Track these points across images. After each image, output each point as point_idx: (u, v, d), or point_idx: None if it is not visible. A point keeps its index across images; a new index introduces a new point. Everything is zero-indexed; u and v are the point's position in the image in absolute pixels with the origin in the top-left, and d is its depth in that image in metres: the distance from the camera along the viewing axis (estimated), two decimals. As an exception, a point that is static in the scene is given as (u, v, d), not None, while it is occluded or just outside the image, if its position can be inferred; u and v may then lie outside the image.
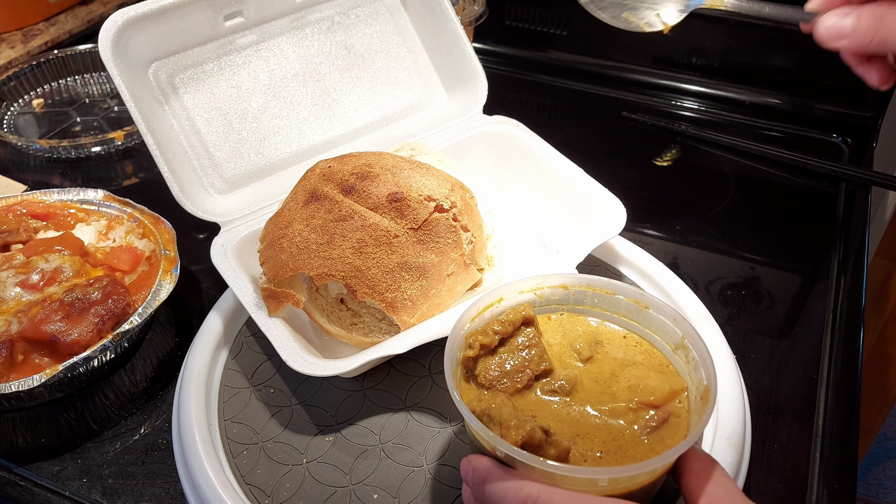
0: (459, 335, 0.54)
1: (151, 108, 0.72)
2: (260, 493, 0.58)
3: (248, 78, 0.78)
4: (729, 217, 0.89)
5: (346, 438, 0.61)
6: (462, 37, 0.83)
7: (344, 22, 0.82)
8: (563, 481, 0.46)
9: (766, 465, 0.61)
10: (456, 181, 0.68)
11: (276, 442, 0.61)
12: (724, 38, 1.06)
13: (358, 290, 0.61)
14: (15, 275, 0.68)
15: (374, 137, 0.83)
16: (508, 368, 0.54)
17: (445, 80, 0.87)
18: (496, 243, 0.72)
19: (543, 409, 0.53)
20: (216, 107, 0.76)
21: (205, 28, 0.75)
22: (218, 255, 0.69)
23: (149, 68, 0.73)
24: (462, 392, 0.53)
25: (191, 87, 0.75)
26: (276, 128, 0.79)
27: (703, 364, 0.50)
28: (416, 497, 0.57)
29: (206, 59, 0.76)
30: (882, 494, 1.35)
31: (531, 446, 0.47)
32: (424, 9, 0.84)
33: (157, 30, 0.72)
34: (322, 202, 0.64)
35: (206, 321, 0.69)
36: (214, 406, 0.64)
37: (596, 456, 0.49)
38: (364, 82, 0.83)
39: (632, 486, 0.47)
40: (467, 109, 0.85)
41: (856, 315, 0.74)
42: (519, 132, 0.82)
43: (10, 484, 0.61)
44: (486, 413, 0.49)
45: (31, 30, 1.22)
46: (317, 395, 0.65)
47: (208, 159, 0.75)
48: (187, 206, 0.71)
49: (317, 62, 0.81)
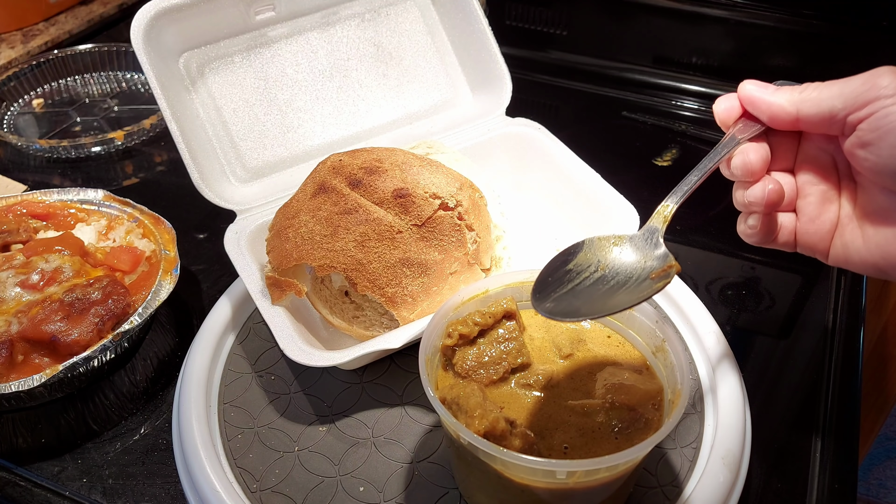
0: (441, 323, 0.55)
1: (179, 95, 0.73)
2: (249, 476, 0.58)
3: (276, 71, 0.79)
4: (729, 217, 0.89)
5: (339, 430, 0.62)
6: (490, 38, 0.83)
7: (374, 19, 0.83)
8: (521, 471, 0.47)
9: (766, 465, 0.61)
10: (465, 180, 0.68)
11: (271, 428, 0.62)
12: (724, 38, 1.06)
13: (359, 283, 0.61)
14: (15, 275, 0.67)
15: (397, 135, 0.84)
16: (486, 360, 0.55)
17: (471, 80, 0.87)
18: (506, 245, 0.72)
19: (515, 401, 0.53)
20: (243, 98, 0.77)
21: (236, 21, 0.76)
22: (231, 242, 0.70)
23: (179, 57, 0.74)
24: (439, 379, 0.55)
25: (219, 77, 0.76)
26: (301, 121, 0.80)
27: (678, 368, 0.51)
28: (400, 492, 0.57)
29: (236, 50, 0.77)
30: (882, 494, 1.35)
31: (494, 436, 0.48)
32: (454, 9, 0.84)
33: (189, 21, 0.73)
34: (329, 194, 0.64)
35: (213, 311, 0.70)
36: (215, 405, 0.64)
37: (562, 450, 0.50)
38: (390, 80, 0.84)
39: (591, 481, 0.48)
40: (491, 110, 0.85)
41: (856, 315, 0.74)
42: (540, 135, 0.82)
43: (10, 484, 0.61)
44: (455, 401, 0.50)
45: (31, 30, 1.22)
46: (316, 385, 0.65)
47: (232, 148, 0.77)
48: (205, 192, 0.72)
49: (344, 58, 0.82)
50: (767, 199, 0.51)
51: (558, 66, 1.15)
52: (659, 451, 0.59)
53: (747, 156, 0.52)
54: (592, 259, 0.52)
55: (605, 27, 1.13)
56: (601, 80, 1.13)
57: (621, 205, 0.71)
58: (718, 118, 0.54)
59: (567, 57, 1.16)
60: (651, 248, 0.51)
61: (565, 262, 0.52)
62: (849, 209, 0.52)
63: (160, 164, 0.98)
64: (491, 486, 0.51)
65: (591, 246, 0.52)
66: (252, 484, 0.58)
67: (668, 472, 0.58)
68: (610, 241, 0.52)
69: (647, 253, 0.51)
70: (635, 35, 1.11)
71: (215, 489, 0.56)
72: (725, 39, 1.06)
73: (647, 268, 0.51)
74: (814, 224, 0.53)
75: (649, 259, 0.51)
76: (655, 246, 0.51)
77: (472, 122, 0.85)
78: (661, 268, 0.50)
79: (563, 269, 0.52)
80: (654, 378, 0.54)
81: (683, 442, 0.60)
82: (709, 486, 0.56)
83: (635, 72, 1.13)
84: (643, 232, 0.52)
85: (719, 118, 0.54)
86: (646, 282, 0.50)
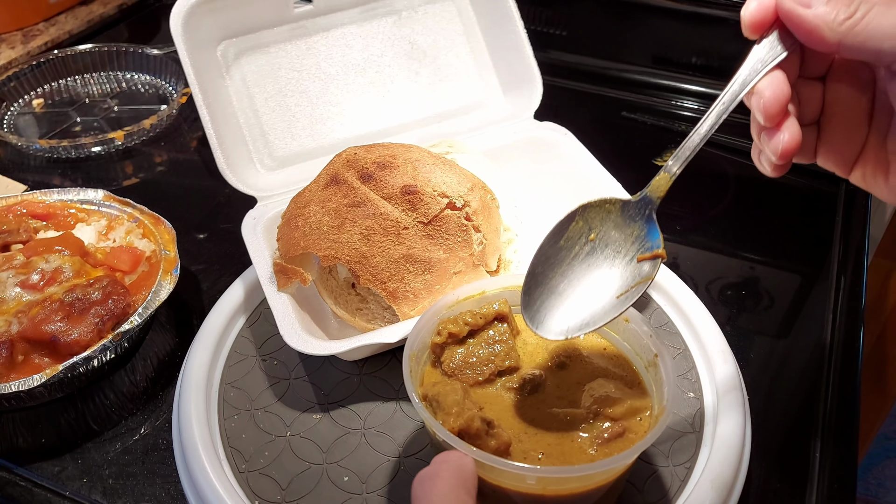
0: (432, 320, 0.56)
1: (214, 82, 0.75)
2: (239, 457, 0.59)
3: (310, 63, 0.80)
4: (729, 217, 0.89)
5: (332, 419, 0.62)
6: (524, 40, 0.83)
7: (412, 17, 0.84)
8: (492, 472, 0.47)
9: (766, 465, 0.61)
10: (478, 181, 0.68)
11: (267, 411, 0.63)
12: (724, 38, 1.06)
13: (361, 275, 0.62)
14: (15, 275, 0.68)
15: (424, 133, 0.84)
16: (473, 360, 0.55)
17: (503, 81, 0.87)
18: (516, 248, 0.72)
19: (498, 403, 0.53)
20: (276, 87, 0.79)
21: (275, 12, 0.78)
22: (248, 227, 0.72)
23: (218, 46, 0.76)
24: (426, 376, 0.55)
25: (255, 66, 0.78)
26: (331, 113, 0.81)
27: (667, 384, 0.50)
28: (384, 485, 0.57)
29: (273, 41, 0.79)
30: (882, 494, 1.35)
31: (468, 435, 0.48)
32: (491, 10, 0.85)
33: (229, 11, 0.75)
34: (340, 186, 0.65)
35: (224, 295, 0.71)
36: (215, 405, 0.64)
37: (537, 456, 0.50)
38: (422, 77, 0.85)
39: (561, 489, 0.48)
40: (520, 113, 0.85)
41: (856, 315, 0.74)
42: (566, 140, 0.81)
43: (10, 484, 0.61)
44: (435, 398, 0.50)
45: (31, 30, 1.22)
46: (316, 373, 0.66)
47: (261, 137, 0.78)
48: (229, 177, 0.74)
49: (378, 54, 0.83)
50: (783, 150, 0.45)
51: (558, 66, 1.15)
52: (649, 468, 0.58)
53: (763, 95, 0.45)
54: (584, 228, 0.51)
55: (605, 27, 1.13)
56: (601, 80, 1.13)
57: None
58: (746, 25, 0.46)
59: (567, 57, 1.16)
60: (643, 222, 0.50)
61: (557, 238, 0.51)
62: (876, 142, 0.47)
63: (160, 164, 0.98)
64: None
65: (584, 213, 0.51)
66: (241, 464, 0.59)
67: (657, 489, 0.57)
68: (603, 206, 0.51)
69: (639, 227, 0.50)
70: (635, 35, 1.11)
71: (215, 489, 0.56)
72: (726, 40, 1.06)
73: (635, 245, 0.50)
74: (835, 149, 0.48)
75: (639, 235, 0.50)
76: (647, 220, 0.50)
77: (500, 124, 0.85)
78: (650, 252, 0.49)
79: (554, 247, 0.51)
80: (644, 393, 0.53)
81: (677, 461, 0.58)
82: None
83: (635, 72, 1.13)
84: (638, 201, 0.50)
85: (748, 25, 0.46)
86: (632, 264, 0.49)
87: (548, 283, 0.51)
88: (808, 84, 0.48)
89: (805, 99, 0.48)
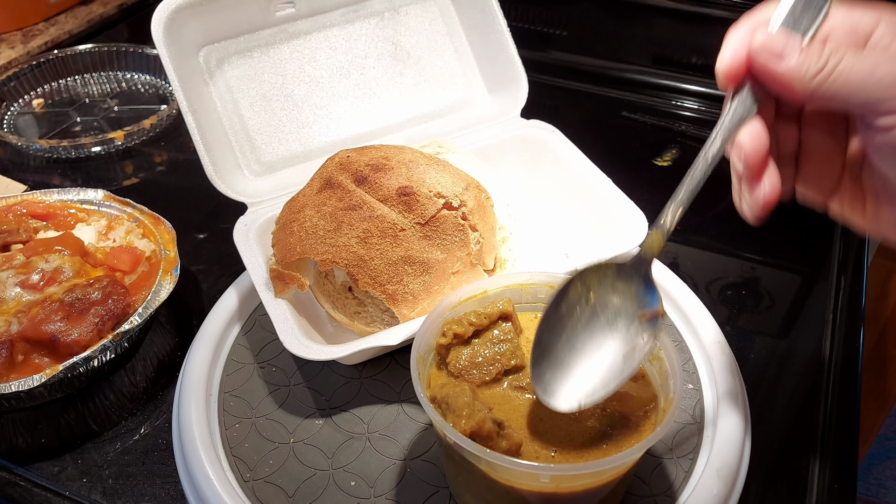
0: (436, 322, 0.55)
1: (197, 88, 0.74)
2: (244, 465, 0.59)
3: (294, 67, 0.80)
4: (729, 217, 0.89)
5: (335, 423, 0.62)
6: (508, 39, 0.83)
7: (394, 18, 0.84)
8: (505, 473, 0.47)
9: (766, 465, 0.61)
10: (472, 181, 0.68)
11: (269, 419, 0.63)
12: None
13: (360, 279, 0.62)
14: (15, 275, 0.67)
15: (411, 133, 0.84)
16: (479, 360, 0.55)
17: (488, 81, 0.87)
18: (511, 247, 0.72)
19: (506, 403, 0.53)
20: (261, 92, 0.78)
21: (256, 16, 0.77)
22: (240, 234, 0.71)
23: (200, 51, 0.76)
24: (432, 378, 0.55)
25: (238, 71, 0.77)
26: (317, 117, 0.81)
27: (672, 377, 0.50)
28: (391, 489, 0.57)
29: (256, 46, 0.78)
30: (882, 494, 1.35)
31: (480, 437, 0.48)
32: (474, 9, 0.84)
33: (210, 15, 0.74)
34: (335, 190, 0.65)
35: (219, 302, 0.70)
36: (214, 404, 0.64)
37: (550, 454, 0.50)
38: (407, 79, 0.84)
39: (575, 486, 0.48)
40: (506, 111, 0.85)
41: (856, 315, 0.74)
42: (553, 138, 0.81)
43: (10, 484, 0.61)
44: (444, 400, 0.50)
45: (31, 30, 1.22)
46: (316, 379, 0.66)
47: (247, 142, 0.78)
48: (218, 184, 0.73)
49: (362, 56, 0.83)
50: (763, 203, 0.46)
51: (558, 66, 1.15)
52: (654, 460, 0.58)
53: (743, 147, 0.45)
54: (583, 291, 0.51)
55: (605, 27, 1.14)
56: (601, 80, 1.13)
57: (631, 211, 0.71)
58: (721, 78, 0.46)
59: (567, 57, 1.16)
60: (640, 281, 0.50)
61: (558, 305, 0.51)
62: (851, 177, 0.48)
63: (160, 164, 0.98)
64: (477, 486, 0.51)
65: (582, 277, 0.51)
66: (245, 473, 0.58)
67: (663, 481, 0.57)
68: (599, 268, 0.51)
69: (636, 286, 0.50)
70: (635, 35, 1.11)
71: (215, 489, 0.56)
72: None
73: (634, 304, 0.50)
74: (812, 184, 0.50)
75: (637, 295, 0.50)
76: (644, 279, 0.50)
77: (486, 123, 0.85)
78: (650, 310, 0.49)
79: (556, 314, 0.51)
80: (649, 386, 0.54)
81: (680, 452, 0.59)
82: (702, 499, 0.55)
83: (635, 72, 1.13)
84: (633, 262, 0.51)
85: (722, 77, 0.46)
86: (634, 322, 0.50)
87: (555, 353, 0.50)
88: (784, 124, 0.49)
89: (782, 138, 0.50)
